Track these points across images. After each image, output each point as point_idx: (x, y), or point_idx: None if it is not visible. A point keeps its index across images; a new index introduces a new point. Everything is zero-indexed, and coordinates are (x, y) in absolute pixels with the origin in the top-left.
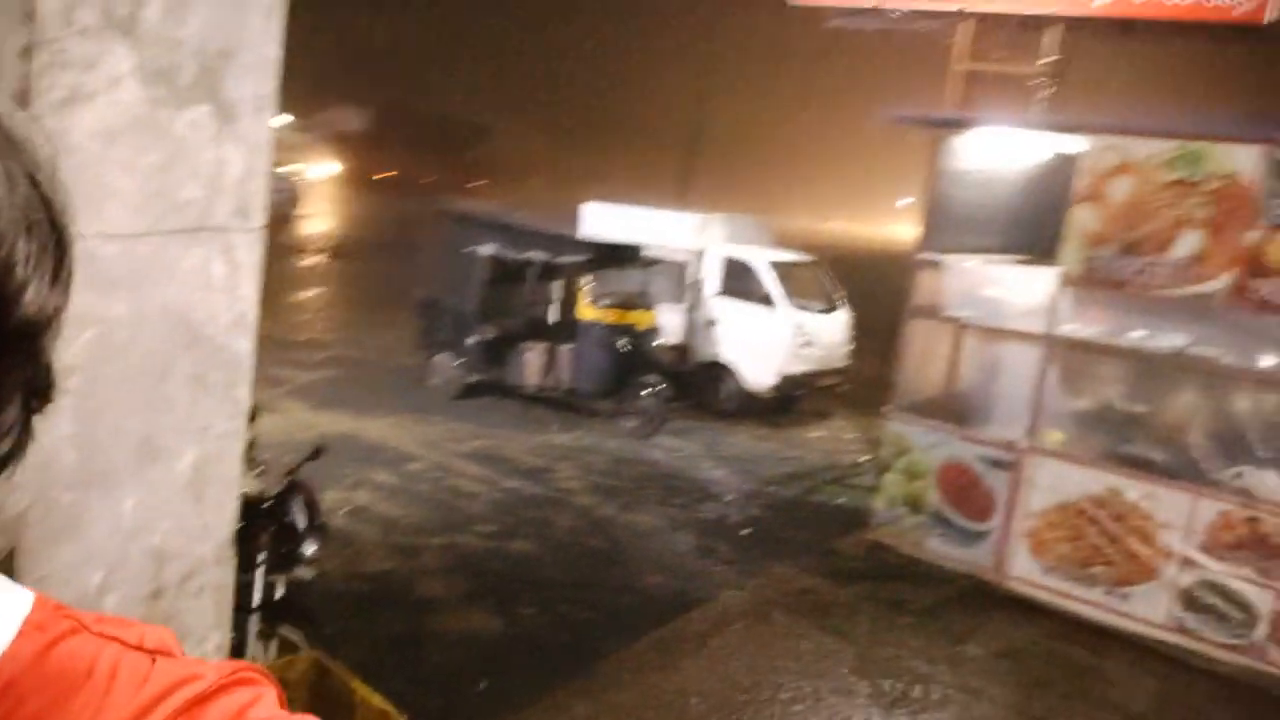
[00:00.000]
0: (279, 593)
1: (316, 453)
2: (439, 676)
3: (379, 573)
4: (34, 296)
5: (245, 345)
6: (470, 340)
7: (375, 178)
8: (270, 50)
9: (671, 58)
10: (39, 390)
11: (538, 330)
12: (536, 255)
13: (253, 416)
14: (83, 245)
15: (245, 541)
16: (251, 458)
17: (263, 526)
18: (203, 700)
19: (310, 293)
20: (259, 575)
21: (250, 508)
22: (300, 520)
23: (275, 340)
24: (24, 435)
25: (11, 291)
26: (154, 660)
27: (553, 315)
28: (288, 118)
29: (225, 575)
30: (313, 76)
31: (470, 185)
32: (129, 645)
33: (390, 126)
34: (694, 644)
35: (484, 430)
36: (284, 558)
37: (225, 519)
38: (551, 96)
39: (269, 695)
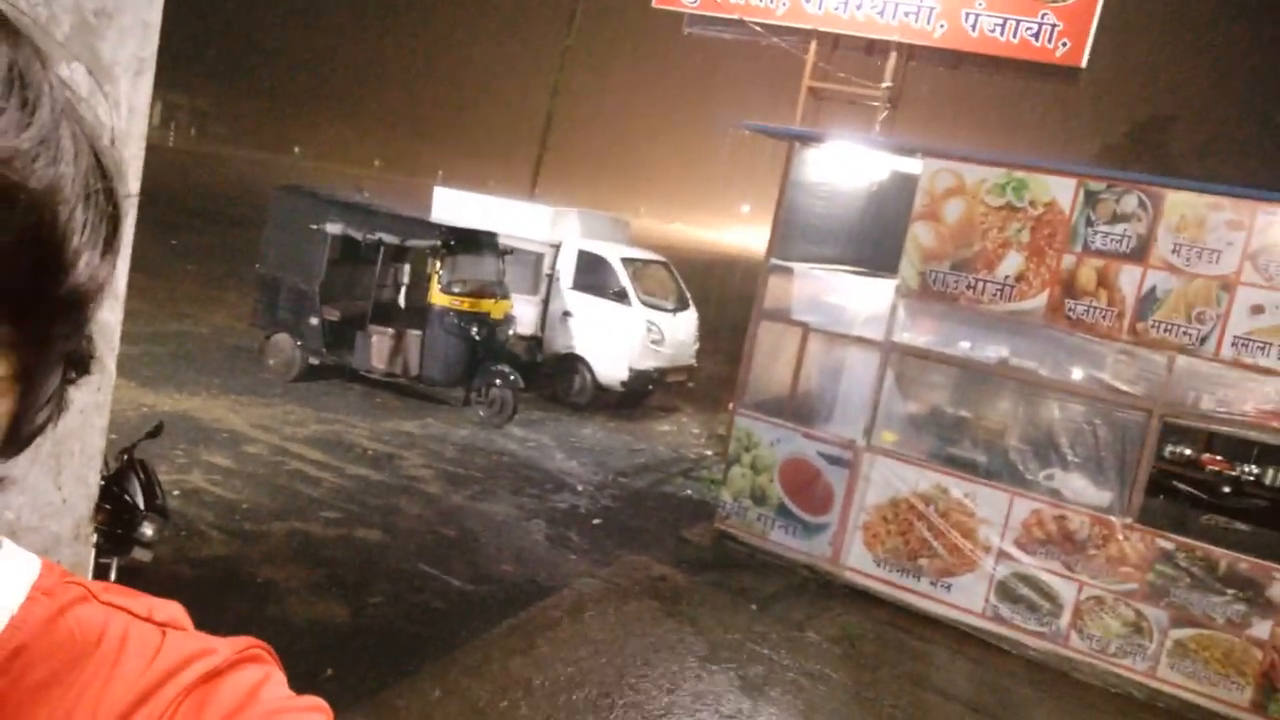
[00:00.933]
0: (113, 575)
1: (156, 430)
2: (285, 664)
3: (217, 558)
4: (87, 265)
5: (113, 316)
6: (312, 321)
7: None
8: (151, 14)
9: (532, 48)
10: (78, 361)
11: (385, 314)
12: (387, 237)
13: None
14: None
15: None
16: None
17: (98, 506)
18: (215, 675)
19: (139, 264)
20: (91, 556)
21: None
22: (139, 500)
23: None
24: (60, 405)
25: (66, 259)
26: (164, 633)
27: (402, 299)
28: None
29: (83, 554)
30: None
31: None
32: (138, 616)
33: (234, 100)
34: (547, 631)
35: (326, 415)
36: (120, 539)
37: (85, 494)
38: (405, 81)
39: (278, 675)
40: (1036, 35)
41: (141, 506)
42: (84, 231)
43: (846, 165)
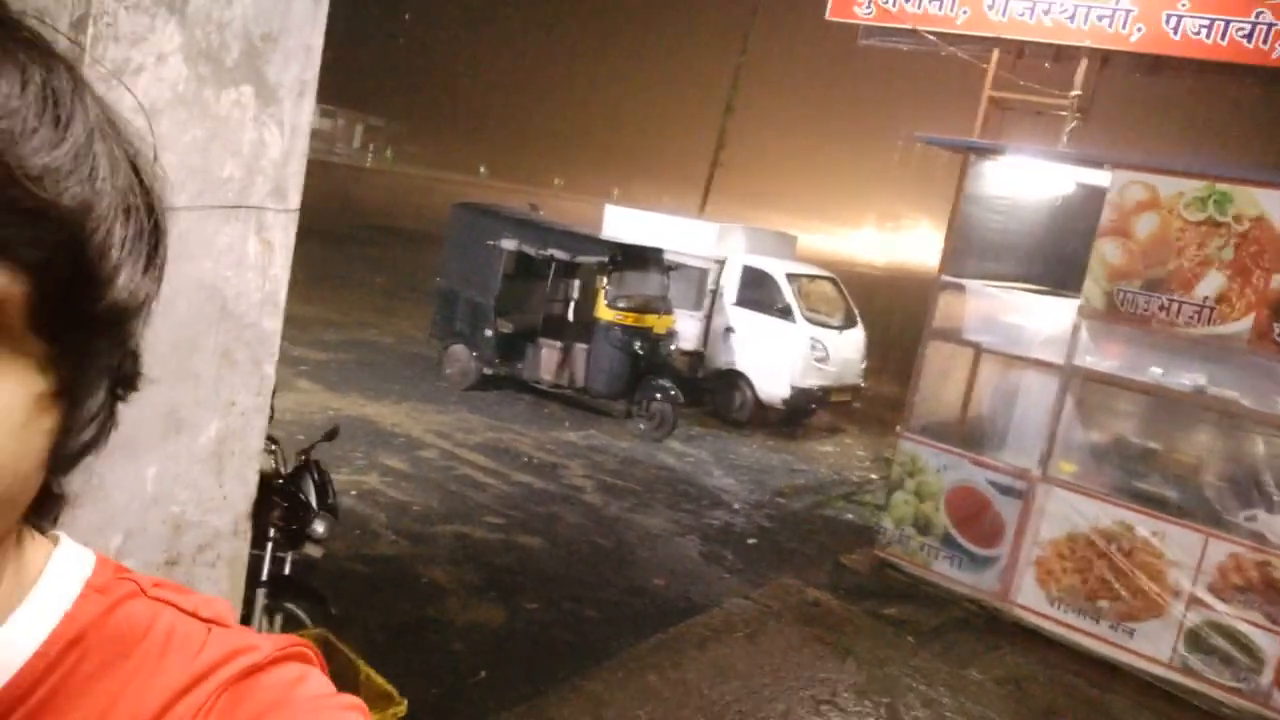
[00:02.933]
0: (287, 569)
1: (332, 433)
2: (440, 664)
3: (386, 556)
4: (126, 281)
5: (273, 324)
6: (487, 333)
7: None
8: (313, 38)
9: (706, 64)
10: (125, 378)
11: (555, 327)
12: (558, 253)
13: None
14: None
15: (257, 516)
16: (267, 435)
17: (275, 503)
18: (255, 671)
19: (331, 276)
20: (269, 550)
21: (264, 483)
22: (313, 499)
23: (293, 319)
24: (108, 422)
25: (105, 275)
26: (209, 629)
27: (570, 314)
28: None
29: (241, 548)
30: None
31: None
32: (185, 611)
33: (428, 123)
34: (696, 649)
35: (496, 423)
36: (294, 535)
37: (245, 493)
38: (587, 104)
39: (318, 673)
40: (1250, 36)
41: (315, 505)
42: (122, 248)
43: (1027, 178)
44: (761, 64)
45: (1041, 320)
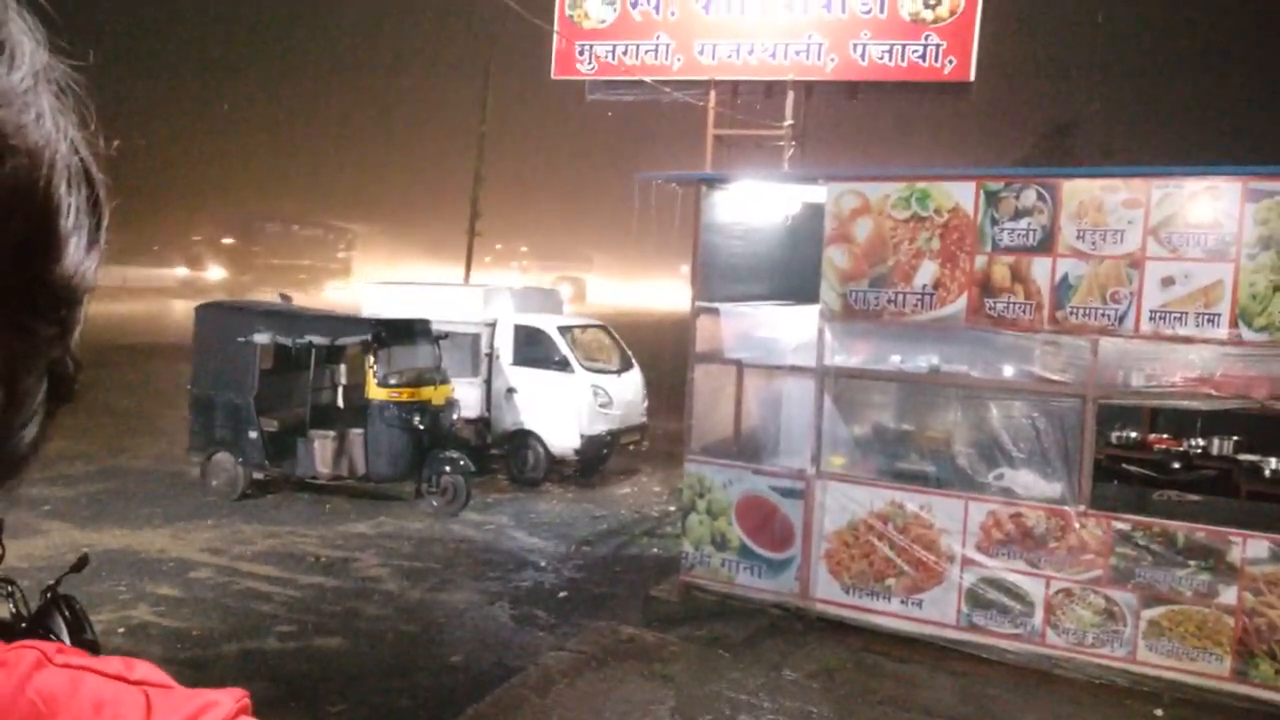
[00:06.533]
0: None
1: (81, 563)
2: None
3: None
4: (75, 254)
5: None
6: (251, 434)
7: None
8: None
9: (445, 135)
10: (62, 380)
11: (325, 417)
12: (316, 339)
13: None
14: None
15: None
16: (2, 579)
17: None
18: None
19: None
20: None
21: (3, 630)
22: (65, 638)
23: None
24: (44, 430)
25: (56, 241)
26: (145, 692)
27: (340, 400)
28: None
29: None
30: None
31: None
32: (108, 675)
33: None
34: (514, 711)
35: (274, 528)
36: None
37: None
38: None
39: None
40: (923, 56)
41: (68, 642)
42: (68, 215)
43: (756, 202)
44: (504, 128)
45: (791, 330)
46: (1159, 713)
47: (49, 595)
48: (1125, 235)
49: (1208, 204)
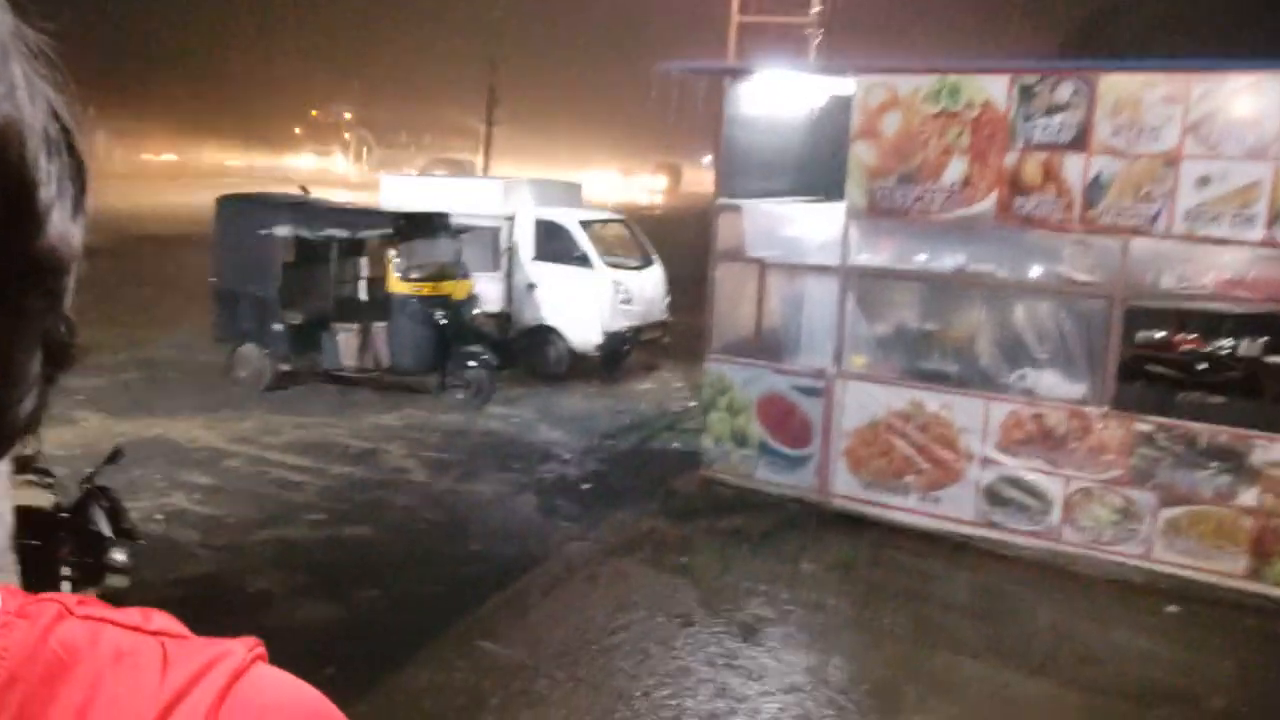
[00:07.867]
0: None
1: (115, 455)
2: (283, 667)
3: (204, 575)
4: (59, 223)
5: None
6: (275, 327)
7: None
8: None
9: (461, 26)
10: (60, 347)
11: (348, 310)
12: (337, 232)
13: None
14: None
15: (45, 556)
16: (40, 469)
17: (61, 539)
18: (242, 674)
19: (92, 294)
20: (66, 589)
21: (45, 521)
22: (104, 528)
23: None
24: (43, 400)
25: (38, 211)
26: (162, 642)
27: (362, 293)
28: None
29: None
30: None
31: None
32: (126, 626)
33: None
34: (540, 598)
35: (303, 419)
36: (92, 569)
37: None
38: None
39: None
40: None
41: (108, 533)
42: (50, 184)
43: (783, 95)
44: (516, 17)
45: (815, 228)
46: (1172, 608)
47: (87, 487)
48: (1162, 133)
49: (1250, 101)
